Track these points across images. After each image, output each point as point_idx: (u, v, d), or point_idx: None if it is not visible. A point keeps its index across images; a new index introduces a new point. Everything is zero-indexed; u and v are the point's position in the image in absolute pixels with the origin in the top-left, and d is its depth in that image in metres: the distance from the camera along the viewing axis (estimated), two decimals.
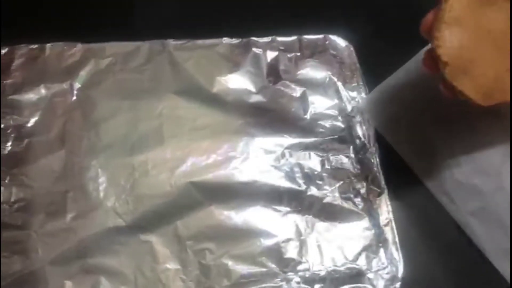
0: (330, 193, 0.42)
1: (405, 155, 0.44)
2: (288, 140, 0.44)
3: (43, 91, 0.44)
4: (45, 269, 0.37)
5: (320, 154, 0.44)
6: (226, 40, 0.48)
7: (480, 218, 0.40)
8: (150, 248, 0.39)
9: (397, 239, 0.41)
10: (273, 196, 0.41)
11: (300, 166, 0.43)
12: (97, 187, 0.40)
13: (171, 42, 0.47)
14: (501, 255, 0.40)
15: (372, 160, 0.44)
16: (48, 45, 0.46)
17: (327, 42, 0.49)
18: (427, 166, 0.43)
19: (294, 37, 0.49)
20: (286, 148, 0.43)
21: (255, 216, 0.41)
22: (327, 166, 0.43)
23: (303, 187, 0.42)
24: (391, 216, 0.42)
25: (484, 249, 0.40)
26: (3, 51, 0.45)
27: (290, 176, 0.42)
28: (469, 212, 0.40)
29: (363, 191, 0.42)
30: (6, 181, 0.40)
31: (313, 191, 0.42)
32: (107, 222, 0.39)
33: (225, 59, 0.47)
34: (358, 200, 0.42)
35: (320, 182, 0.42)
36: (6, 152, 0.41)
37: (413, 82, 0.43)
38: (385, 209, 0.42)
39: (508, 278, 0.39)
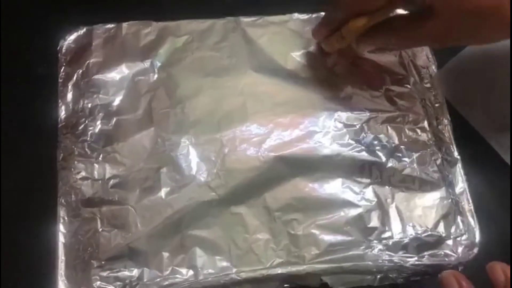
0: (409, 165, 0.43)
1: (479, 127, 0.45)
2: (366, 114, 0.44)
3: (125, 70, 0.45)
4: (144, 242, 0.39)
5: (397, 127, 0.44)
6: (296, 15, 0.48)
7: None
8: (241, 219, 0.40)
9: (472, 207, 0.42)
10: (354, 169, 0.42)
11: (379, 139, 0.44)
12: (189, 162, 0.41)
13: (243, 19, 0.48)
14: None
15: (445, 132, 0.45)
16: (124, 24, 0.47)
17: None
18: (501, 138, 0.44)
19: None
20: (365, 122, 0.44)
21: (338, 187, 0.42)
22: (404, 139, 0.44)
23: (383, 159, 0.43)
24: (465, 185, 0.43)
25: None
26: (81, 32, 0.46)
27: (370, 149, 0.43)
28: None
29: (439, 161, 0.43)
30: (100, 159, 0.41)
31: (392, 163, 0.43)
32: (201, 196, 0.40)
33: (297, 35, 0.47)
34: (434, 170, 0.43)
35: (399, 154, 0.43)
36: (96, 131, 0.43)
37: (488, 55, 0.43)
38: (460, 179, 0.43)
39: None
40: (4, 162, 0.43)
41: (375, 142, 0.43)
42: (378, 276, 0.40)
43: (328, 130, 0.43)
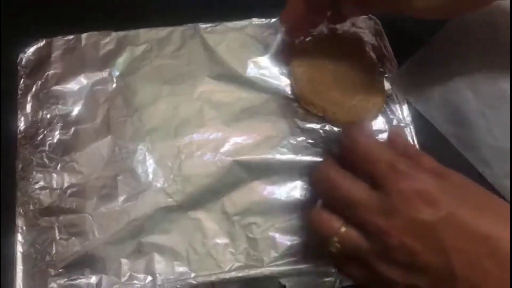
0: None
1: (439, 125, 0.45)
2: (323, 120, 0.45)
3: (83, 80, 0.45)
4: (101, 249, 0.39)
5: None
6: (255, 21, 0.49)
7: None
8: (199, 224, 0.40)
9: None
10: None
11: (337, 142, 0.44)
12: (146, 169, 0.41)
13: (202, 25, 0.48)
14: None
15: (408, 133, 0.44)
16: (84, 35, 0.47)
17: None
18: (461, 134, 0.44)
19: None
20: (322, 126, 0.44)
21: (296, 190, 0.42)
22: None
23: None
24: None
25: None
26: (41, 44, 0.46)
27: (327, 152, 0.43)
28: (505, 175, 0.41)
29: None
30: (58, 168, 0.41)
31: None
32: (158, 202, 0.40)
33: (256, 41, 0.48)
34: None
35: None
36: (54, 141, 0.43)
37: (441, 57, 0.44)
38: None
39: None
40: None
41: (333, 146, 0.44)
42: (338, 280, 0.40)
43: (284, 135, 0.43)
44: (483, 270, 0.28)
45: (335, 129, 0.44)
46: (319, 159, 0.43)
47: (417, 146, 0.44)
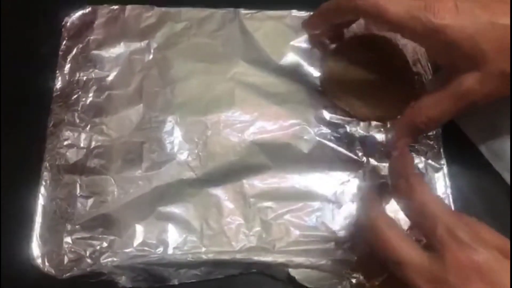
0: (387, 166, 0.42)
1: (471, 134, 0.43)
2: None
3: (122, 48, 0.44)
4: (119, 212, 0.39)
5: (383, 129, 0.43)
6: (294, 12, 0.48)
7: None
8: (216, 201, 0.39)
9: None
10: (333, 165, 0.41)
11: (361, 138, 0.43)
12: (172, 141, 0.41)
13: (242, 11, 0.47)
14: None
15: (432, 137, 0.43)
16: (128, 6, 0.47)
17: None
18: (490, 144, 0.42)
19: None
20: (349, 121, 0.43)
21: (315, 181, 0.41)
22: (383, 140, 0.43)
23: (364, 158, 0.42)
24: (448, 191, 0.41)
25: None
26: (86, 10, 0.46)
27: (351, 147, 0.42)
28: None
29: (421, 165, 0.42)
30: (87, 129, 0.41)
31: (372, 162, 0.42)
32: (179, 174, 0.40)
33: (293, 32, 0.46)
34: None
35: (379, 155, 0.42)
36: (87, 102, 0.42)
37: None
38: (443, 184, 0.41)
39: None
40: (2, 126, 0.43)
41: (357, 141, 0.42)
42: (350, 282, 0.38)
43: (311, 125, 0.42)
44: None
45: (362, 124, 0.43)
46: (342, 152, 0.42)
47: (443, 154, 0.43)
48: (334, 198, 0.40)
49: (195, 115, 0.42)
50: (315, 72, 0.45)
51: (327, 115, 0.43)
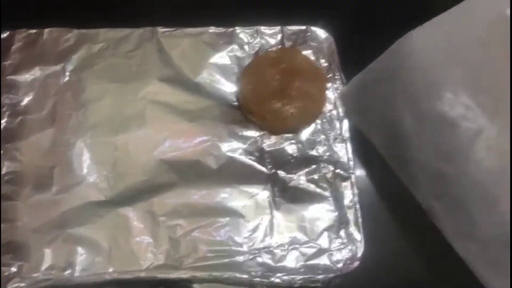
0: (297, 177, 0.41)
1: (377, 143, 0.42)
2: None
3: (38, 72, 0.44)
4: (28, 237, 0.38)
5: (294, 140, 0.43)
6: (212, 29, 0.47)
7: (443, 202, 0.38)
8: (126, 221, 0.39)
9: (360, 221, 0.40)
10: (243, 178, 0.41)
11: (272, 151, 0.42)
12: (82, 163, 0.40)
13: (160, 29, 0.47)
14: (461, 239, 0.38)
15: (342, 148, 0.43)
16: (46, 30, 0.46)
17: (308, 34, 0.48)
18: (395, 153, 0.41)
19: (277, 28, 0.48)
20: (259, 135, 0.43)
21: (225, 196, 0.40)
22: (297, 152, 0.42)
23: (273, 170, 0.41)
24: (356, 199, 0.41)
25: (445, 232, 0.39)
26: (3, 35, 0.45)
27: (260, 160, 0.42)
28: (433, 196, 0.39)
29: (329, 175, 0.41)
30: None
31: (281, 174, 0.41)
32: (88, 196, 0.39)
33: (210, 48, 0.46)
34: (323, 183, 0.41)
35: (288, 166, 0.42)
36: (0, 128, 0.42)
37: (386, 74, 0.41)
38: (350, 193, 0.41)
39: (466, 260, 0.38)
40: None
41: (267, 155, 0.42)
42: None
43: (221, 141, 0.42)
44: None
45: (273, 138, 0.43)
46: (252, 166, 0.41)
47: (352, 163, 0.42)
48: (243, 211, 0.40)
49: (105, 136, 0.41)
50: (230, 88, 0.45)
51: (239, 130, 0.43)
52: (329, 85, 0.45)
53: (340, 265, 0.39)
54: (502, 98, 0.36)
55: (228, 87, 0.45)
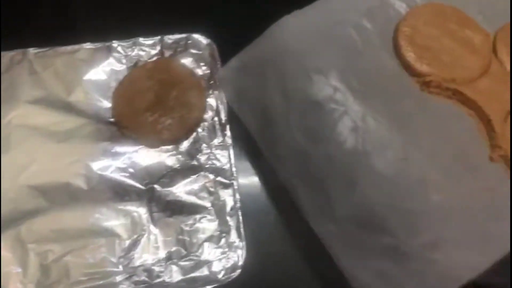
0: (176, 190, 0.40)
1: (252, 127, 0.41)
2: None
3: None
4: None
5: (174, 153, 0.42)
6: (88, 45, 0.46)
7: (306, 182, 0.37)
8: None
9: (242, 228, 0.39)
10: (117, 197, 0.39)
11: (149, 165, 0.41)
12: None
13: (32, 50, 0.45)
14: (320, 218, 0.37)
15: (225, 155, 0.42)
16: None
17: (189, 42, 0.47)
18: (266, 135, 0.40)
19: (157, 38, 0.46)
20: (137, 150, 0.41)
21: (99, 216, 0.39)
22: (177, 164, 0.41)
23: (148, 185, 0.40)
24: (238, 205, 0.40)
25: (305, 211, 0.38)
26: None
27: (134, 175, 0.40)
28: (298, 175, 0.38)
29: (209, 184, 0.40)
30: None
31: (157, 189, 0.40)
32: None
33: (85, 65, 0.45)
34: (204, 193, 0.40)
35: (166, 180, 0.40)
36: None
37: (260, 57, 0.40)
38: (232, 199, 0.40)
39: (324, 241, 0.37)
40: None
41: (142, 170, 0.41)
42: None
43: (93, 160, 0.40)
44: None
45: (151, 151, 0.41)
46: (126, 183, 0.40)
47: (234, 170, 0.41)
48: (119, 231, 0.38)
49: None
50: (105, 105, 0.43)
51: (112, 146, 0.41)
52: (210, 91, 0.45)
53: (220, 275, 0.38)
54: (371, 81, 0.36)
55: (105, 103, 0.43)
